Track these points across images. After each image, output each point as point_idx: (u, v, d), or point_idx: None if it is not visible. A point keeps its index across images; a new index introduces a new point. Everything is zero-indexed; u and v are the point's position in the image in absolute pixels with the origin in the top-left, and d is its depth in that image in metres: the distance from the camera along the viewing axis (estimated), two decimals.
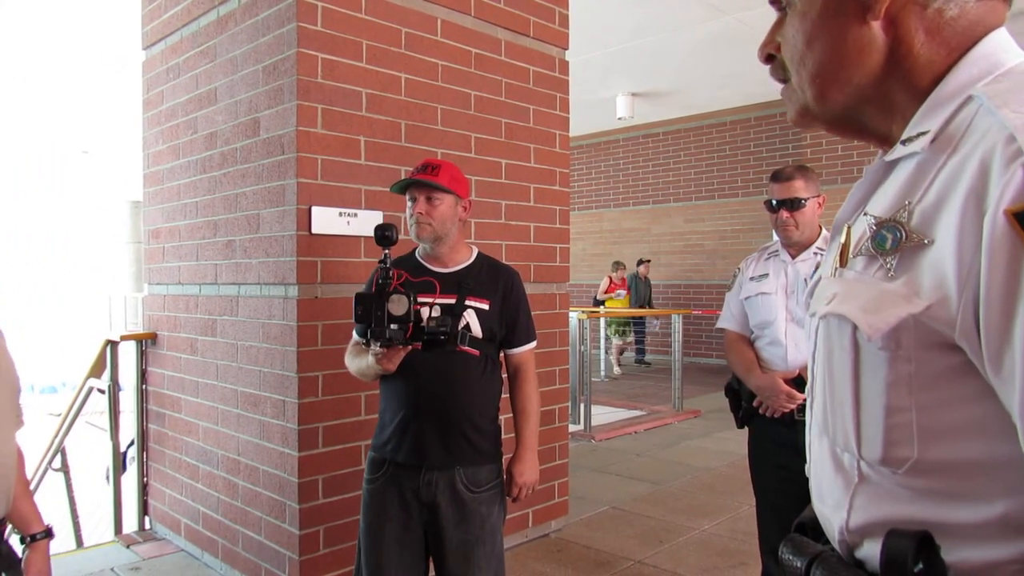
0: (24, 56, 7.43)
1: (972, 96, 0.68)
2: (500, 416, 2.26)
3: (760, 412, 2.46)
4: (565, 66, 3.93)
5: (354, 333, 2.31)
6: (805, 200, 2.43)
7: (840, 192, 8.22)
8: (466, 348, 2.12)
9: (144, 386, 3.96)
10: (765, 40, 0.83)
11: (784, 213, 2.44)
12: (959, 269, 0.60)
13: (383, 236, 2.00)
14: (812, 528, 0.84)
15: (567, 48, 3.94)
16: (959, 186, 0.62)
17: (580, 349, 6.49)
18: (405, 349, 1.96)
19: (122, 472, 4.01)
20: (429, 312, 2.09)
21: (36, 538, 1.72)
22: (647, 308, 10.48)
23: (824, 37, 0.76)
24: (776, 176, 2.49)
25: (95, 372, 4.09)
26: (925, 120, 0.71)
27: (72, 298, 15.89)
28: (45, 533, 1.74)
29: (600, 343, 10.25)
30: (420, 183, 2.13)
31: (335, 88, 2.96)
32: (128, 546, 3.70)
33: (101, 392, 4.08)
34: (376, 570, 2.11)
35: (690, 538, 3.83)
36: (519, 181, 3.69)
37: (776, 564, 0.82)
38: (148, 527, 3.94)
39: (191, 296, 3.57)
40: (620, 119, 10.28)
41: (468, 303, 2.14)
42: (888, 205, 0.71)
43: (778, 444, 2.41)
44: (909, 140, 0.71)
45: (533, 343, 2.30)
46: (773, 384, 2.40)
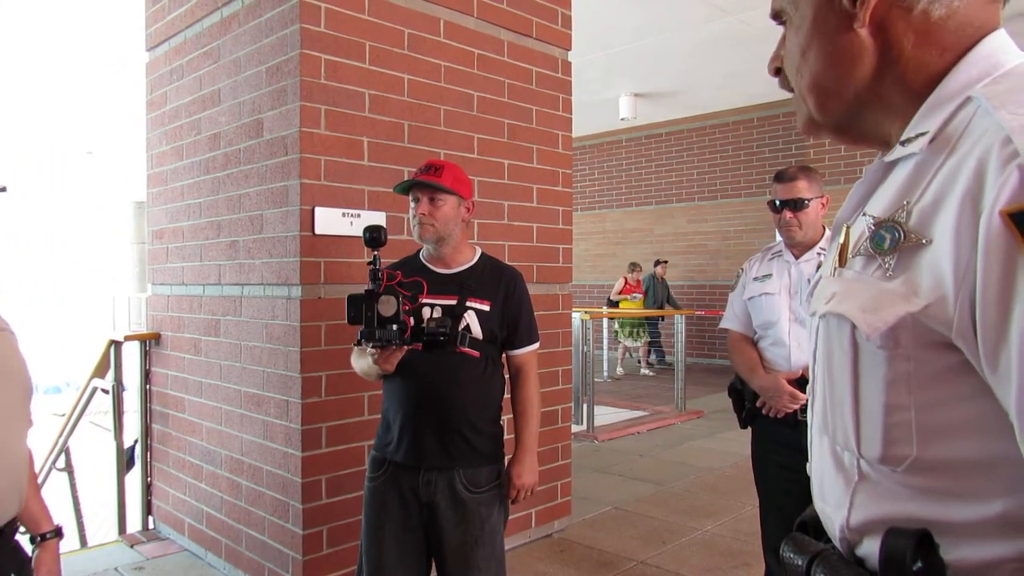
0: (24, 56, 7.44)
1: (971, 97, 0.68)
2: (502, 417, 2.26)
3: (763, 413, 2.46)
4: (568, 67, 3.94)
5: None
6: (808, 200, 2.43)
7: (843, 192, 8.12)
8: (466, 349, 2.12)
9: (148, 386, 3.97)
10: (773, 54, 0.86)
11: (787, 213, 2.44)
12: (956, 269, 0.61)
13: (371, 238, 2.00)
14: (814, 527, 0.84)
15: (570, 49, 3.94)
16: (956, 187, 0.62)
17: (583, 350, 6.50)
18: (401, 350, 1.97)
19: (131, 467, 4.02)
20: (430, 313, 2.09)
21: (46, 537, 1.73)
22: (666, 309, 10.26)
23: (816, 47, 0.78)
24: (779, 176, 2.49)
25: (99, 372, 4.11)
26: (924, 121, 0.72)
27: (76, 298, 15.94)
28: (55, 532, 1.75)
29: (604, 343, 10.23)
30: (423, 184, 2.13)
31: (338, 89, 2.97)
32: (132, 546, 3.71)
33: (105, 392, 4.09)
34: (376, 568, 2.11)
35: (693, 539, 3.83)
36: (522, 182, 3.69)
37: (779, 564, 0.83)
38: (152, 527, 3.94)
39: (195, 296, 3.58)
40: (623, 119, 10.27)
41: (469, 304, 2.14)
42: (887, 205, 0.72)
43: (781, 444, 2.41)
44: (908, 141, 0.72)
45: (535, 345, 2.29)
46: (776, 384, 2.40)
